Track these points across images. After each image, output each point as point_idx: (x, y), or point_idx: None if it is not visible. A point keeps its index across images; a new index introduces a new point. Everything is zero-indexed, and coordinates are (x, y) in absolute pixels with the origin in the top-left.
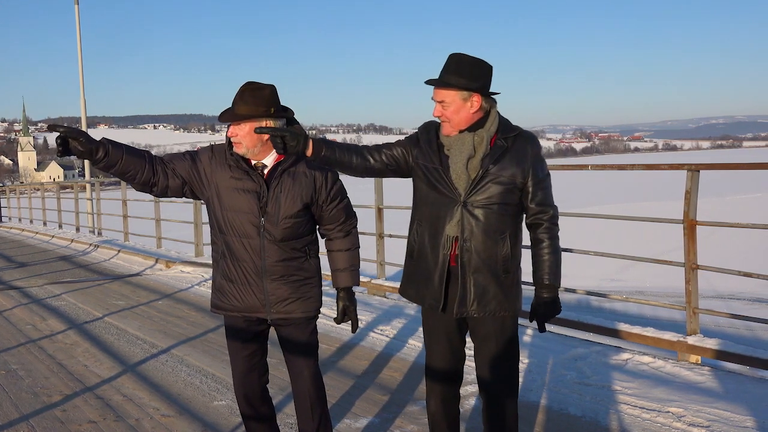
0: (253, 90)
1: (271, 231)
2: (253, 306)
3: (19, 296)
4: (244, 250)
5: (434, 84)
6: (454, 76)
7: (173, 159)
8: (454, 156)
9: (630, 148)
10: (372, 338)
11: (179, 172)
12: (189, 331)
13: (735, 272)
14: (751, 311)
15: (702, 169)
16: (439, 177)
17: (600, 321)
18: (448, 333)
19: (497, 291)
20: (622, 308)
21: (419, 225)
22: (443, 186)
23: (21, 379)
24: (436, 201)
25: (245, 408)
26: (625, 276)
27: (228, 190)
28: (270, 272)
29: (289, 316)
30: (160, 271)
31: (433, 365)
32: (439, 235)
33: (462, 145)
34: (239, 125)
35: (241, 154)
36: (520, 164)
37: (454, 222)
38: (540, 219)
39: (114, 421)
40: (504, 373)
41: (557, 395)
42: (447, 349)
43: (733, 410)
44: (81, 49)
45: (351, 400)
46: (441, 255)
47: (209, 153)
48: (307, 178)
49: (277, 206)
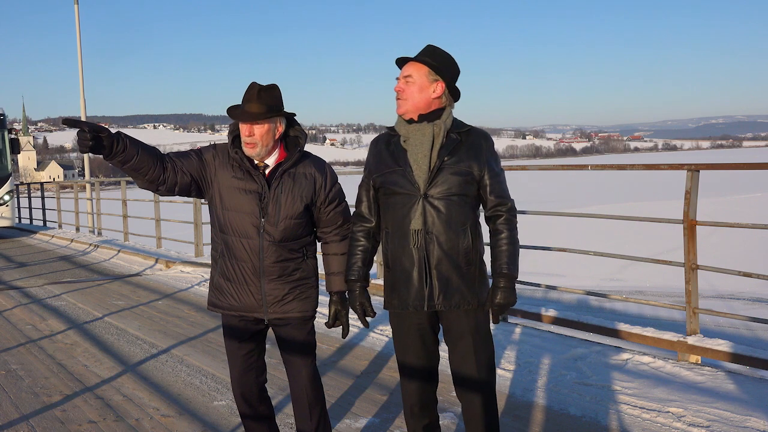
0: (266, 90)
1: (270, 232)
2: (250, 306)
3: (19, 296)
4: (243, 250)
5: (406, 60)
6: (427, 57)
7: (181, 156)
8: (413, 146)
9: (630, 147)
10: (372, 338)
11: (187, 169)
12: (189, 331)
13: (735, 272)
14: (751, 311)
15: (702, 169)
16: (398, 178)
17: (600, 321)
18: (421, 332)
19: (459, 283)
20: (622, 308)
21: (387, 233)
22: (404, 184)
23: (21, 379)
24: (398, 202)
25: (243, 407)
26: (625, 276)
27: (230, 190)
28: (268, 272)
29: (286, 315)
30: (160, 271)
31: (409, 366)
32: (407, 235)
33: (422, 135)
34: (257, 125)
35: (253, 155)
36: (476, 157)
37: (418, 215)
38: (499, 211)
39: (114, 421)
40: (482, 369)
41: (557, 395)
42: (421, 349)
43: (733, 410)
44: (81, 48)
45: (351, 400)
46: (414, 252)
47: (213, 151)
48: (307, 179)
49: (278, 207)
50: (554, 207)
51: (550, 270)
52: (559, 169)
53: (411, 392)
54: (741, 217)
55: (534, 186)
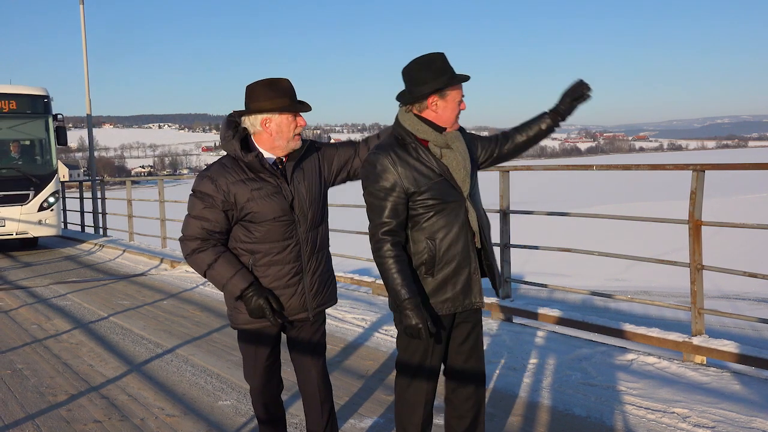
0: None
1: (303, 224)
2: (294, 308)
3: (24, 296)
4: (283, 252)
5: (465, 79)
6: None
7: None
8: (454, 154)
9: (635, 147)
10: (377, 338)
11: (224, 227)
12: (194, 331)
13: (740, 272)
14: (756, 312)
15: (707, 169)
16: (445, 187)
17: (605, 321)
18: (447, 332)
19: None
20: (627, 308)
21: (431, 239)
22: (451, 192)
23: (26, 378)
24: (447, 210)
25: (263, 415)
26: (630, 276)
27: (255, 203)
28: (308, 266)
29: (322, 307)
30: (165, 271)
31: (430, 368)
32: (459, 238)
33: (461, 143)
34: (300, 117)
35: (294, 148)
36: (474, 147)
37: (473, 218)
38: (498, 139)
39: (119, 421)
40: (481, 362)
41: (562, 395)
42: (443, 349)
43: (738, 411)
44: (86, 48)
45: (356, 400)
46: (471, 254)
47: (212, 185)
48: (310, 161)
49: (301, 198)
50: (559, 207)
51: (554, 270)
52: (564, 169)
53: (428, 392)
54: (746, 217)
55: (539, 186)
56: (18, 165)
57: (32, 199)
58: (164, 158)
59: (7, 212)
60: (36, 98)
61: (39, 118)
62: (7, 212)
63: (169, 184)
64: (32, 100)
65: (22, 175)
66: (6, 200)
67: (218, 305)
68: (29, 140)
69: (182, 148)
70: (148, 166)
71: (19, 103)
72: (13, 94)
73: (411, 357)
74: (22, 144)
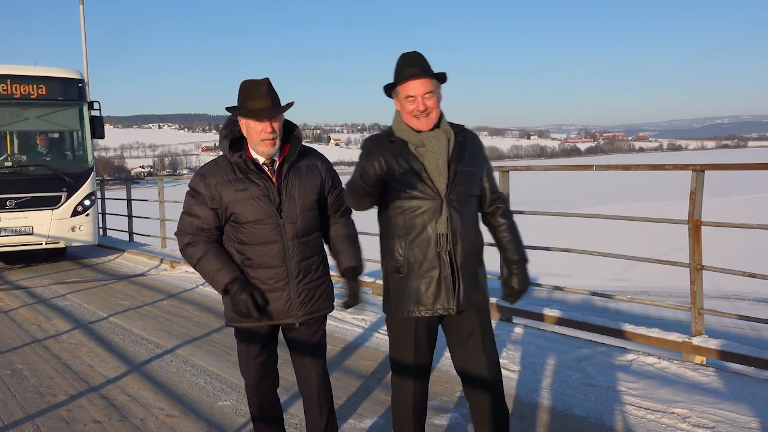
0: (269, 84)
1: (290, 230)
2: (279, 312)
3: (24, 296)
4: (269, 256)
5: (419, 75)
6: (426, 68)
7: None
8: (429, 153)
9: (635, 148)
10: (376, 338)
11: (215, 224)
12: (194, 332)
13: (740, 273)
14: (756, 312)
15: (707, 169)
16: (416, 181)
17: (605, 321)
18: (429, 334)
19: (480, 282)
20: (627, 308)
21: (398, 237)
22: (423, 189)
23: (26, 378)
24: (417, 206)
25: (257, 412)
26: (629, 276)
27: (239, 204)
28: (296, 273)
29: (314, 315)
30: (164, 271)
31: (416, 367)
32: (430, 239)
33: (439, 142)
34: (276, 120)
35: (272, 153)
36: (478, 157)
37: (443, 219)
38: (497, 204)
39: (119, 421)
40: (492, 367)
41: (562, 396)
42: (427, 350)
43: (738, 411)
44: (86, 48)
45: (355, 401)
46: (440, 256)
47: (202, 182)
48: (312, 170)
49: (293, 203)
50: (559, 207)
51: (554, 270)
52: (563, 169)
53: (416, 391)
54: (746, 217)
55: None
56: (47, 161)
57: (65, 202)
58: (164, 158)
59: (35, 218)
60: (69, 82)
61: (72, 105)
62: (35, 218)
63: (168, 184)
64: (64, 84)
65: (53, 173)
66: (34, 203)
67: (218, 305)
68: (60, 132)
69: (182, 149)
70: (148, 166)
71: (48, 88)
72: (41, 77)
73: (398, 356)
74: (52, 137)
